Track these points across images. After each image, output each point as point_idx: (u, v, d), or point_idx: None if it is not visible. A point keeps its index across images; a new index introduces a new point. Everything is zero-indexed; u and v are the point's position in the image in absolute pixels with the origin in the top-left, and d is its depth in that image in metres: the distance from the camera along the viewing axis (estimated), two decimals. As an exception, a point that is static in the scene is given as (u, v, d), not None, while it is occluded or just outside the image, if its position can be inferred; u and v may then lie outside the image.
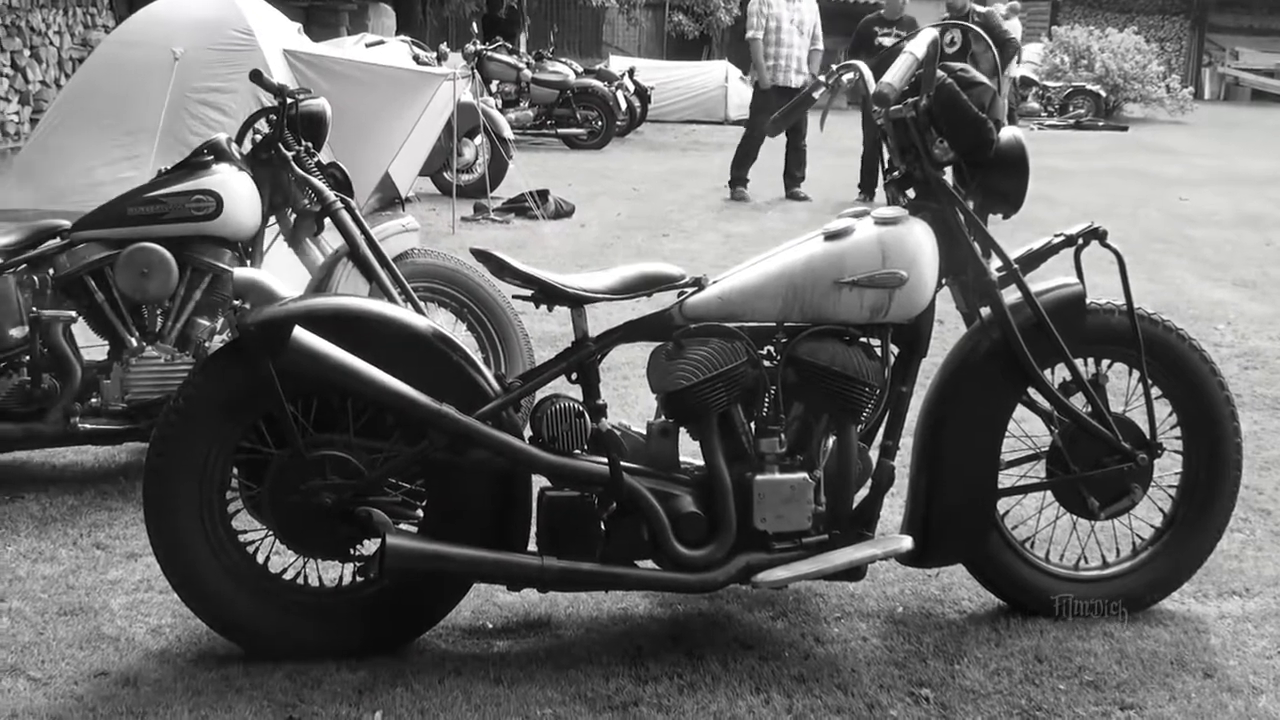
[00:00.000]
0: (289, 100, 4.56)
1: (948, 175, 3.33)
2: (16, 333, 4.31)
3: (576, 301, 3.15)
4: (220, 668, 3.11)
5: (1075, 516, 3.52)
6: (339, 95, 6.87)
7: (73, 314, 4.28)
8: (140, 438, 4.28)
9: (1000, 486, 3.41)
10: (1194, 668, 3.21)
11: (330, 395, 3.09)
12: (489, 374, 3.19)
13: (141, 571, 3.64)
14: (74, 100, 7.73)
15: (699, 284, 3.27)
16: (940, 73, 3.23)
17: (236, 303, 3.00)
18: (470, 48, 15.26)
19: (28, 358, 4.29)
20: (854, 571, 3.28)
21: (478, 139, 12.06)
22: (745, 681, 3.07)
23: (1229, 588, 3.68)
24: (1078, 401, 3.41)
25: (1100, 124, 23.76)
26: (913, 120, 3.26)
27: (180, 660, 3.16)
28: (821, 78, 3.60)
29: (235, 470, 3.15)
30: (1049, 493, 3.52)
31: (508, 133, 12.17)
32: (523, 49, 20.44)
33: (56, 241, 4.41)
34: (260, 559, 3.20)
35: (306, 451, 3.05)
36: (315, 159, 4.64)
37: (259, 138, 4.62)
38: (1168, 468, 3.54)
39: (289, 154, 4.53)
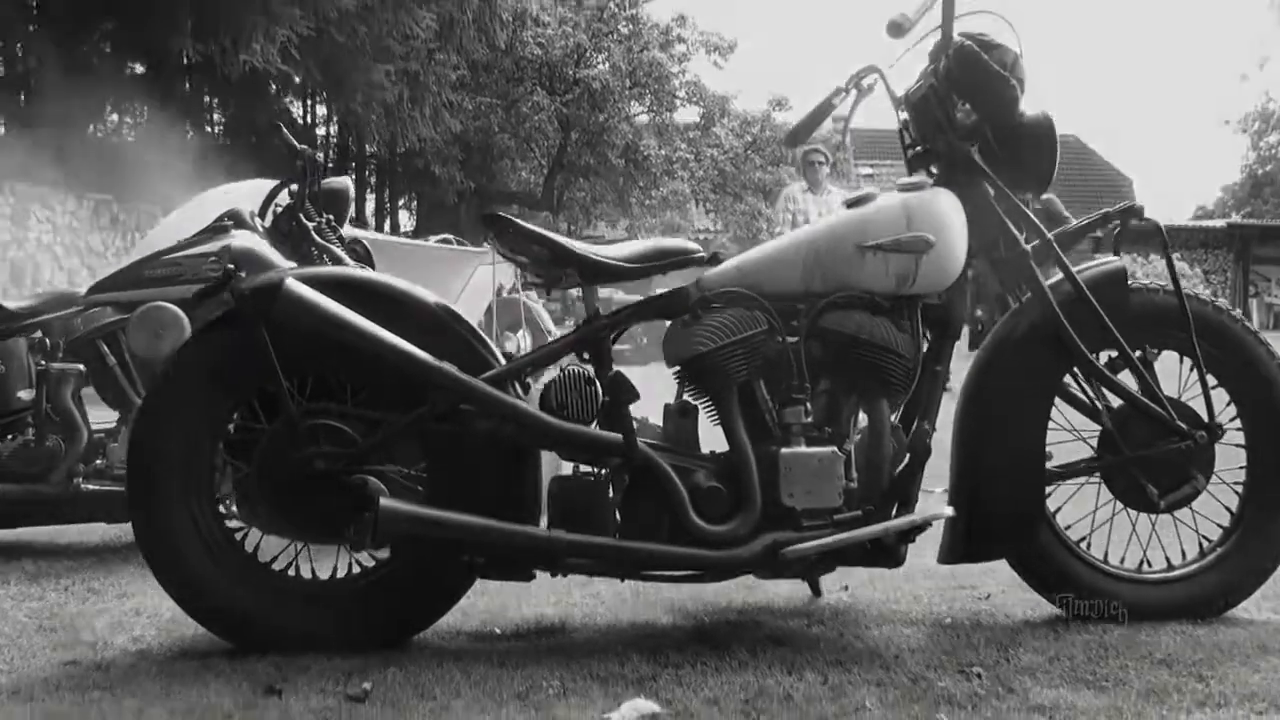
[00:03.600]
0: (311, 176, 4.55)
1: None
2: (25, 394, 4.23)
3: (588, 269, 3.00)
4: (202, 659, 2.85)
5: (1134, 512, 3.23)
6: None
7: (80, 367, 4.18)
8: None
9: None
10: (1278, 650, 2.86)
11: (325, 361, 2.91)
12: (495, 349, 3.02)
13: (132, 604, 3.41)
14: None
15: (715, 259, 3.12)
16: (958, 37, 3.14)
17: (230, 267, 2.84)
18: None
19: (33, 418, 4.17)
20: (893, 557, 3.00)
21: (519, 332, 12.13)
22: (776, 665, 2.77)
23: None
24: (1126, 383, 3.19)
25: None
26: (933, 89, 3.16)
27: (158, 653, 2.92)
28: (841, 83, 3.52)
29: (224, 449, 2.95)
30: (1104, 492, 3.24)
31: (550, 325, 12.25)
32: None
33: (72, 309, 4.35)
34: (249, 548, 2.97)
35: (300, 420, 2.86)
36: (338, 234, 4.60)
37: (280, 209, 4.59)
38: (1232, 461, 3.26)
39: (309, 224, 4.48)
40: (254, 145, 17.36)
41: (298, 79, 18.14)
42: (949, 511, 3.00)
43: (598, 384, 2.95)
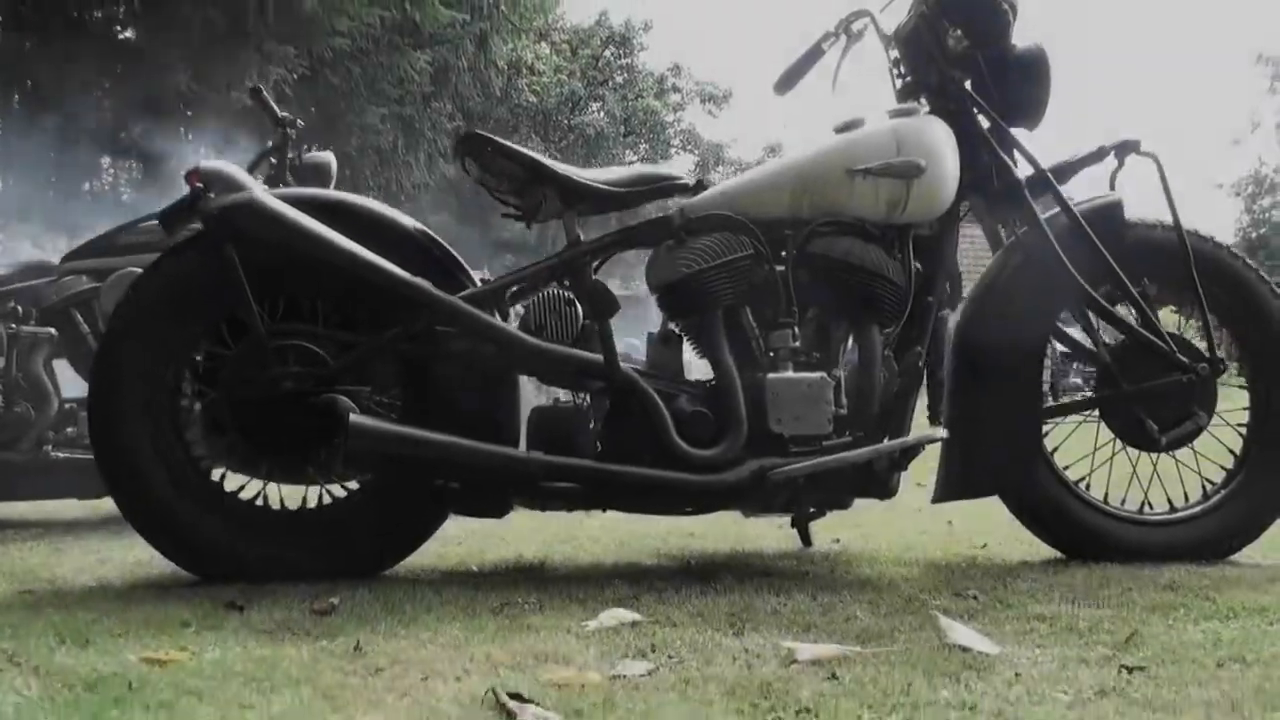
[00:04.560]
0: (295, 148, 4.47)
1: None
2: (-5, 363, 4.10)
3: (567, 191, 2.91)
4: (164, 587, 2.72)
5: (1134, 454, 3.12)
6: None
7: (51, 331, 4.07)
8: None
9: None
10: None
11: (296, 282, 2.80)
12: (473, 274, 2.93)
13: (98, 556, 3.28)
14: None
15: (700, 186, 3.04)
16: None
17: (199, 186, 2.75)
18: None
19: (2, 384, 4.06)
20: (884, 486, 2.90)
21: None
22: (764, 589, 2.64)
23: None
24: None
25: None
26: (923, 17, 3.09)
27: (120, 586, 2.79)
28: (830, 27, 3.45)
29: (191, 376, 2.84)
30: (1103, 433, 3.13)
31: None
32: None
33: (46, 278, 4.26)
34: (215, 477, 2.85)
35: (268, 341, 2.75)
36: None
37: (261, 179, 4.51)
38: (1234, 402, 3.16)
39: (290, 195, 4.39)
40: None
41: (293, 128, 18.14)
42: (942, 433, 2.89)
43: (577, 305, 2.85)
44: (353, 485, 2.88)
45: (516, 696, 1.73)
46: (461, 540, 3.19)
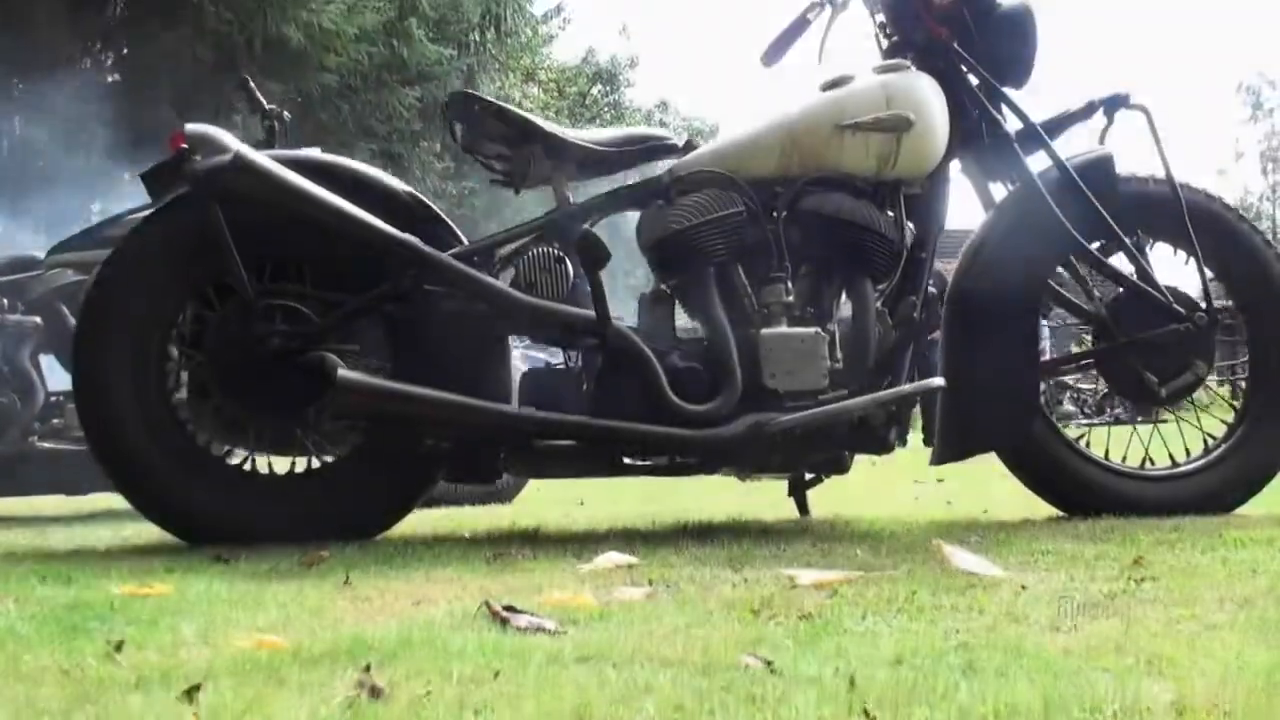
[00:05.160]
0: (281, 140, 4.46)
1: None
2: (-20, 355, 4.06)
3: (554, 149, 2.88)
4: (149, 548, 2.67)
5: (1134, 406, 3.08)
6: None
7: (37, 320, 4.03)
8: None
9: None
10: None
11: (283, 242, 2.76)
12: (461, 235, 2.89)
13: (79, 541, 3.22)
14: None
15: (690, 146, 3.01)
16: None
17: (184, 148, 2.72)
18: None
19: (-12, 378, 4.01)
20: (881, 441, 2.86)
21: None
22: (762, 539, 2.59)
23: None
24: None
25: (1139, 419, 23.58)
26: None
27: (101, 549, 2.73)
28: (815, -3, 3.43)
29: (177, 338, 2.79)
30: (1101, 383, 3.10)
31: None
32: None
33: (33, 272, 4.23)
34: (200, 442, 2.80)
35: (255, 301, 2.71)
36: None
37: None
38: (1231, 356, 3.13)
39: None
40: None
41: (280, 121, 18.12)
42: (938, 382, 2.85)
43: (568, 263, 2.82)
44: (341, 451, 2.83)
45: (510, 609, 1.69)
46: (453, 517, 3.13)
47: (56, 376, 4.21)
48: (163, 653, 1.45)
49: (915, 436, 4.64)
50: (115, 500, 3.55)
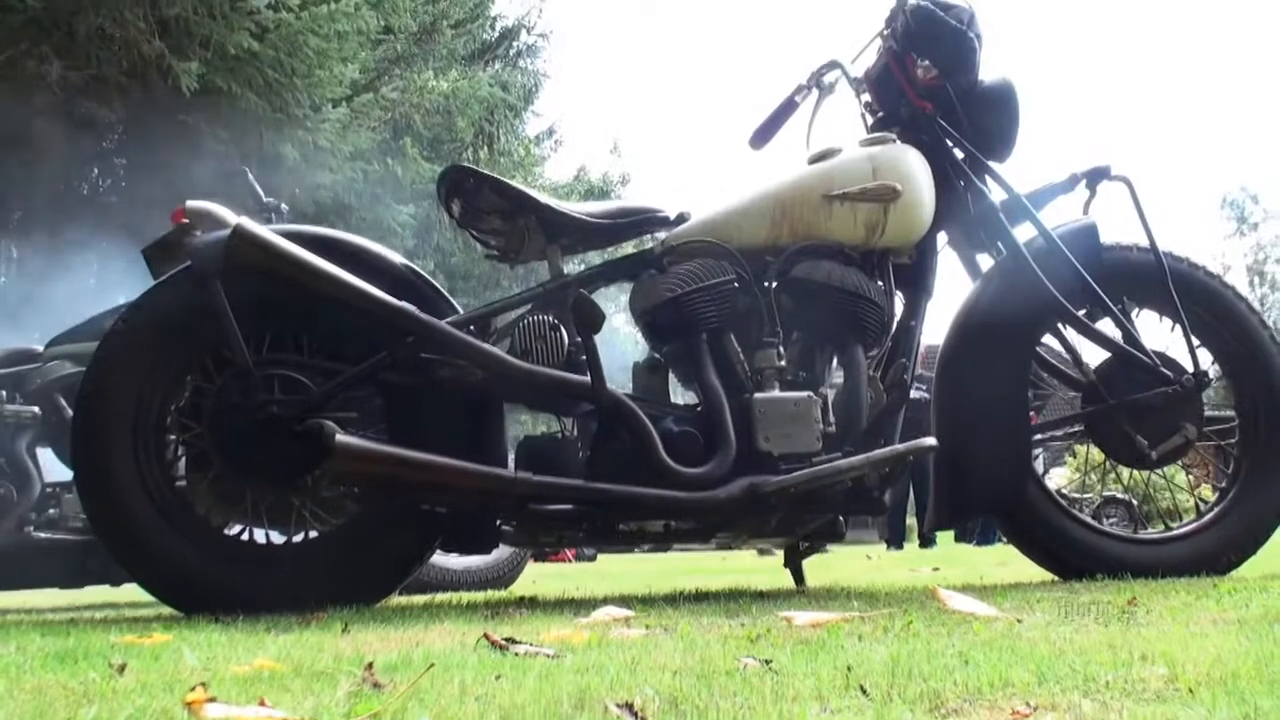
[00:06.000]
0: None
1: None
2: (-22, 445, 4.07)
3: (549, 222, 2.94)
4: (146, 620, 2.66)
5: (1124, 468, 3.11)
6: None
7: (35, 409, 4.05)
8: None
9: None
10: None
11: (282, 315, 2.80)
12: (457, 305, 2.94)
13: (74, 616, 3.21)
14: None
15: (681, 218, 3.08)
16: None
17: (185, 222, 2.78)
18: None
19: (-16, 468, 4.02)
20: (875, 503, 2.87)
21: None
22: (759, 599, 2.60)
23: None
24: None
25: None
26: (891, 53, 3.17)
27: (104, 617, 2.72)
28: (803, 80, 3.53)
29: (176, 412, 2.82)
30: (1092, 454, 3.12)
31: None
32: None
33: (32, 365, 4.26)
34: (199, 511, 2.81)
35: (255, 370, 2.74)
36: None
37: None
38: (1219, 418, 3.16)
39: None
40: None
41: (278, 213, 18.29)
42: (931, 442, 2.87)
43: (563, 331, 2.86)
44: (338, 521, 2.83)
45: (509, 639, 1.70)
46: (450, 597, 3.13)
47: (54, 468, 4.22)
48: (165, 675, 1.46)
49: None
50: (112, 594, 3.55)
